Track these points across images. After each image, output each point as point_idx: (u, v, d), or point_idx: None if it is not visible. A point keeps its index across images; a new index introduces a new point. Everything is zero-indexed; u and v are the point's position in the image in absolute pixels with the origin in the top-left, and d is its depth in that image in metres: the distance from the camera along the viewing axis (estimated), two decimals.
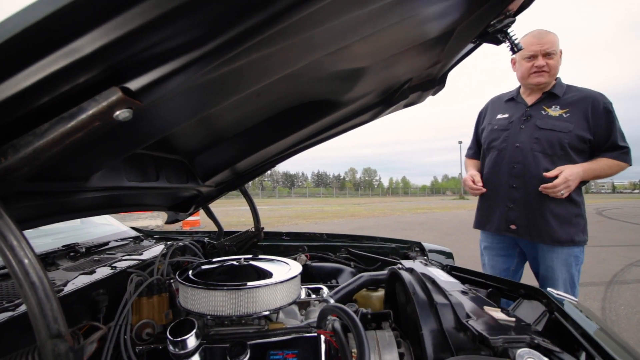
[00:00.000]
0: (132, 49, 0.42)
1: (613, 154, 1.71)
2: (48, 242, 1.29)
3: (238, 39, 0.51)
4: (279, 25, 0.54)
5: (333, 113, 1.44)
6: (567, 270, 1.71)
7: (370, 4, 0.67)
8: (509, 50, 1.17)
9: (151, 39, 0.43)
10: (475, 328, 0.79)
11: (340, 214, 16.34)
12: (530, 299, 1.14)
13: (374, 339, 0.84)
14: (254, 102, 1.20)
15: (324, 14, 0.62)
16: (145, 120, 0.68)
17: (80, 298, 0.92)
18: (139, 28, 0.38)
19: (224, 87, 0.76)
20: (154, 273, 1.06)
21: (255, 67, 0.70)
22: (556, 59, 1.75)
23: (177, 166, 1.23)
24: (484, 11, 0.98)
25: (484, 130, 1.99)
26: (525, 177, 1.76)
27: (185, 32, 0.45)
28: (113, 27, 0.37)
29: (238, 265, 1.07)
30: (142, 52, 0.44)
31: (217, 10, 0.46)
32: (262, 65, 0.71)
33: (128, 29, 0.38)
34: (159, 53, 0.45)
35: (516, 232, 1.79)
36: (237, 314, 0.89)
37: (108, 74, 0.42)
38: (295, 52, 0.73)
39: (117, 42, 0.38)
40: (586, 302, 3.58)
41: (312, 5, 0.54)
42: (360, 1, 0.65)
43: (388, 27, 0.87)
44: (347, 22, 0.71)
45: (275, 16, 0.52)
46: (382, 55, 1.06)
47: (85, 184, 0.76)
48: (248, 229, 1.80)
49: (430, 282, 1.07)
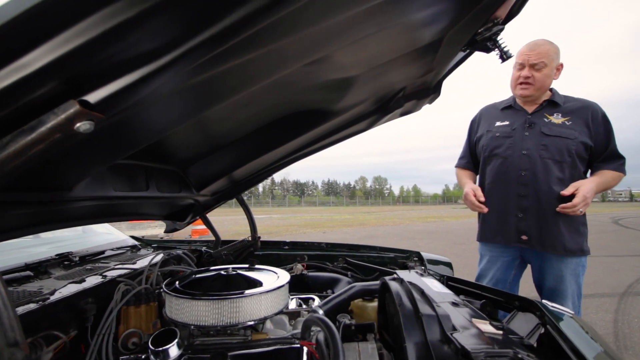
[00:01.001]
0: (88, 62, 0.43)
1: (614, 165, 1.69)
2: (45, 250, 1.31)
3: (202, 48, 0.51)
4: (248, 32, 0.55)
5: (327, 122, 1.44)
6: (575, 281, 1.67)
7: (345, 12, 0.67)
8: (498, 58, 1.16)
9: (108, 50, 0.43)
10: (459, 341, 0.77)
11: (349, 222, 16.26)
12: (525, 311, 1.11)
13: (356, 350, 0.82)
14: (245, 112, 1.21)
15: (299, 20, 0.62)
16: (124, 129, 0.69)
17: (67, 306, 0.93)
18: (93, 40, 0.39)
19: (204, 95, 0.76)
20: (142, 282, 1.07)
21: (230, 75, 0.71)
22: (546, 71, 1.70)
23: (169, 175, 1.25)
24: (470, 19, 0.98)
25: (481, 138, 1.95)
26: (535, 185, 1.72)
27: (145, 42, 0.46)
28: (64, 40, 0.38)
29: (225, 275, 1.06)
30: (100, 64, 0.44)
31: (178, 17, 0.46)
32: (239, 73, 0.71)
33: (80, 42, 0.39)
34: (118, 64, 0.46)
35: (527, 242, 1.73)
36: (220, 324, 0.89)
37: (65, 87, 0.43)
38: (273, 60, 0.73)
39: (69, 55, 0.39)
40: (598, 315, 3.46)
41: (279, 10, 0.53)
42: (334, 8, 0.65)
43: (371, 36, 0.87)
44: (326, 29, 0.71)
45: (242, 22, 0.51)
46: (369, 64, 1.06)
47: (68, 193, 0.78)
48: (244, 238, 1.80)
49: (420, 293, 1.05)
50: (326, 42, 0.78)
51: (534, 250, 1.74)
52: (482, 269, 1.91)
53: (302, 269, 1.70)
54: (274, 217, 22.02)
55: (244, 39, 0.56)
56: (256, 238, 1.79)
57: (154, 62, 0.48)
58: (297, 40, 0.69)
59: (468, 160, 2.09)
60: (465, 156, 2.11)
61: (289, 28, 0.63)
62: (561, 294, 1.66)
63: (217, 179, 1.50)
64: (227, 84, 0.72)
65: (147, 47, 0.47)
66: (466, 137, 2.11)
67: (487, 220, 1.91)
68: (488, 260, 1.88)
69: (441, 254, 1.88)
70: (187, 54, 0.50)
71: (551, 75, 1.73)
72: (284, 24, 0.60)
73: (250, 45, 0.62)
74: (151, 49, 0.47)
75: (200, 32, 0.49)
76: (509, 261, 1.81)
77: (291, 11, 0.56)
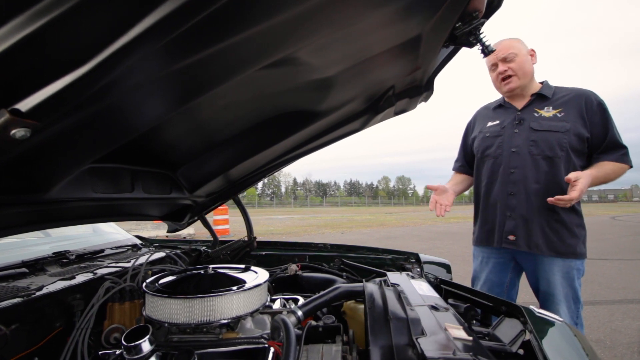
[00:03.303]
0: (15, 69, 0.45)
1: (614, 156, 1.58)
2: (50, 248, 1.38)
3: (134, 45, 0.51)
4: (186, 26, 0.54)
5: (315, 122, 1.44)
6: (569, 285, 1.57)
7: (296, 8, 0.66)
8: (480, 53, 1.13)
9: (35, 56, 0.45)
10: (421, 346, 0.75)
11: (369, 223, 16.12)
12: (511, 317, 1.06)
13: (320, 352, 0.82)
14: (228, 114, 1.23)
15: (246, 18, 0.62)
16: (88, 130, 0.71)
17: (53, 302, 0.98)
18: (15, 46, 0.41)
19: (166, 95, 0.78)
20: (127, 280, 1.11)
21: (186, 76, 0.72)
22: (519, 60, 1.67)
23: (158, 177, 1.29)
24: (445, 13, 0.96)
25: (474, 140, 1.90)
26: (524, 183, 1.65)
27: (73, 45, 0.47)
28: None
29: (204, 275, 1.09)
30: (29, 70, 0.47)
31: (105, 18, 0.47)
32: (193, 75, 0.72)
33: (3, 48, 0.41)
34: (48, 69, 0.48)
35: (515, 243, 1.66)
36: (193, 322, 0.91)
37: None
38: (227, 61, 0.73)
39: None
40: (624, 322, 3.25)
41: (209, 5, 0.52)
42: (286, 3, 0.64)
43: (338, 35, 0.86)
44: (283, 28, 0.71)
45: (179, 13, 0.49)
46: (344, 64, 1.05)
47: (44, 195, 0.82)
48: (240, 239, 1.83)
49: (397, 295, 1.03)
50: (285, 42, 0.77)
51: (525, 253, 1.67)
52: (474, 271, 1.85)
53: (296, 270, 1.71)
54: (295, 217, 22.17)
55: (186, 34, 0.56)
56: (252, 238, 1.81)
57: (86, 65, 0.49)
58: (250, 39, 0.68)
59: (462, 164, 2.03)
60: (459, 159, 2.06)
61: (235, 26, 0.63)
62: (554, 299, 1.59)
63: (209, 180, 1.53)
64: (181, 87, 0.74)
65: (76, 50, 0.48)
66: (461, 140, 2.05)
67: (479, 222, 1.87)
68: (480, 262, 1.83)
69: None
70: (118, 54, 0.51)
71: (527, 61, 1.69)
72: (230, 21, 0.60)
73: (198, 45, 0.62)
74: (81, 51, 0.48)
75: (126, 32, 0.48)
76: (502, 264, 1.74)
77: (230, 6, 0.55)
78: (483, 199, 1.82)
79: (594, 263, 5.88)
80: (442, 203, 1.71)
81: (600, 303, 3.84)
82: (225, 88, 0.87)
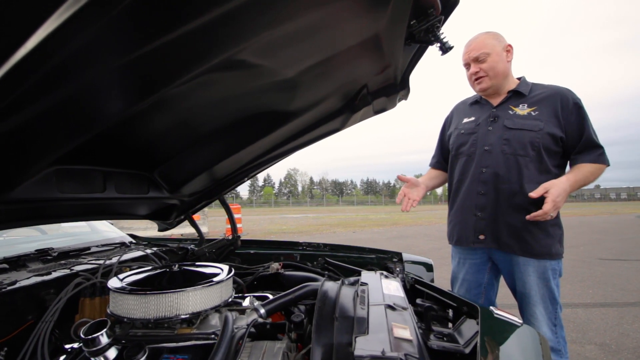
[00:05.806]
0: None
1: (591, 157, 1.53)
2: (48, 244, 1.45)
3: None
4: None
5: (291, 122, 1.46)
6: (545, 285, 1.53)
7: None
8: (439, 50, 1.12)
9: None
10: (357, 344, 0.75)
11: (382, 222, 16.00)
12: (470, 317, 1.05)
13: (262, 349, 0.84)
14: (199, 115, 1.26)
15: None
16: (43, 126, 0.75)
17: (26, 296, 1.04)
18: None
19: (118, 89, 0.80)
20: (99, 276, 1.16)
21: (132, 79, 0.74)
22: (490, 60, 1.62)
23: (133, 177, 1.33)
24: (394, 12, 0.95)
25: (450, 137, 1.86)
26: (495, 182, 1.61)
27: None
28: None
29: (170, 272, 1.12)
30: None
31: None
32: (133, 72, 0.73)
33: None
34: None
35: (484, 242, 1.63)
36: (149, 317, 0.95)
37: None
38: (164, 64, 0.75)
39: None
40: (633, 325, 3.11)
41: None
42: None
43: (284, 33, 0.87)
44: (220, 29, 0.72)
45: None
46: (299, 66, 1.06)
47: (6, 195, 0.87)
48: (224, 237, 1.87)
49: (354, 294, 1.03)
50: (222, 43, 0.78)
51: (501, 253, 1.63)
52: (453, 271, 1.82)
53: (277, 268, 1.73)
54: (309, 216, 22.26)
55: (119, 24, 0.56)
56: (236, 237, 1.85)
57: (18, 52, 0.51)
58: (182, 39, 0.69)
59: (438, 160, 2.00)
60: (435, 155, 2.03)
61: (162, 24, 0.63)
62: (530, 300, 1.54)
63: (189, 179, 1.57)
64: (135, 80, 0.76)
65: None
66: (439, 135, 2.01)
67: (451, 221, 1.83)
68: (457, 262, 1.80)
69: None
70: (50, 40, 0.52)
71: (500, 60, 1.63)
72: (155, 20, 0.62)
73: (136, 39, 0.63)
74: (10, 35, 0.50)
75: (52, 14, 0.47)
76: (478, 264, 1.70)
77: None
78: (454, 197, 1.79)
79: (610, 264, 5.65)
80: (410, 197, 1.69)
81: (611, 305, 3.69)
82: (186, 89, 0.89)
